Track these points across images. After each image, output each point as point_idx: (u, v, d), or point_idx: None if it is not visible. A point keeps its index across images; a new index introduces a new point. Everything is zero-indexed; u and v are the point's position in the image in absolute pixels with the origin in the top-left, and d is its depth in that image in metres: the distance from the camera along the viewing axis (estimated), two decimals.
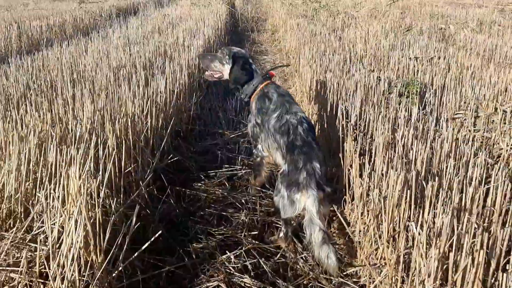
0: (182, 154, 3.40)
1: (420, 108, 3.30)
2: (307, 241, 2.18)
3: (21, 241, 1.96)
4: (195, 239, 2.45)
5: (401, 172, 1.98)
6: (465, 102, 3.53)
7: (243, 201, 2.83)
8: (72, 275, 1.69)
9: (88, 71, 4.31)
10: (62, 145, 2.38)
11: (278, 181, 2.39)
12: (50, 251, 1.75)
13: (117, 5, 12.30)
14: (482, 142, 2.92)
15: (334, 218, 2.61)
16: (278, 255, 2.33)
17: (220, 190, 2.96)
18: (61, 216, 1.90)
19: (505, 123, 3.03)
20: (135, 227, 1.94)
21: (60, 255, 1.72)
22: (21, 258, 1.75)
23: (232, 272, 2.16)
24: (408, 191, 1.91)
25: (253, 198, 2.87)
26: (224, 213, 2.70)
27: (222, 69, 2.81)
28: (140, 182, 2.58)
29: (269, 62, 6.98)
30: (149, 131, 3.02)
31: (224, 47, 2.85)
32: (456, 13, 8.90)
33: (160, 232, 2.10)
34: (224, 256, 2.27)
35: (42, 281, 1.76)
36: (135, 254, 1.93)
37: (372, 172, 2.27)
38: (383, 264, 2.02)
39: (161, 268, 2.12)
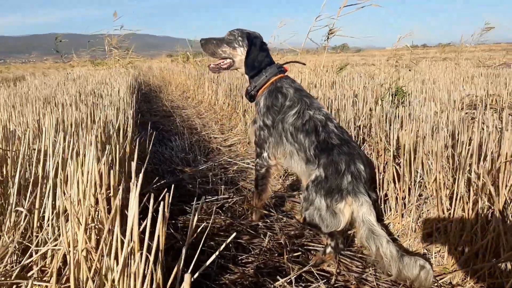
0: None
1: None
2: (374, 257, 1.77)
3: None
4: (223, 270, 1.82)
5: None
6: None
7: (260, 225, 2.30)
8: None
9: None
10: None
11: (309, 190, 1.93)
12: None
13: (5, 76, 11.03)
14: None
15: None
16: (333, 279, 1.83)
17: (222, 217, 2.37)
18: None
19: None
20: None
21: None
22: None
23: None
24: None
25: (267, 222, 2.35)
26: (240, 241, 2.13)
27: (233, 54, 2.27)
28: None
29: (191, 114, 6.58)
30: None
31: (233, 29, 2.28)
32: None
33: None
34: (278, 283, 1.70)
35: None
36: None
37: None
38: None
39: None
